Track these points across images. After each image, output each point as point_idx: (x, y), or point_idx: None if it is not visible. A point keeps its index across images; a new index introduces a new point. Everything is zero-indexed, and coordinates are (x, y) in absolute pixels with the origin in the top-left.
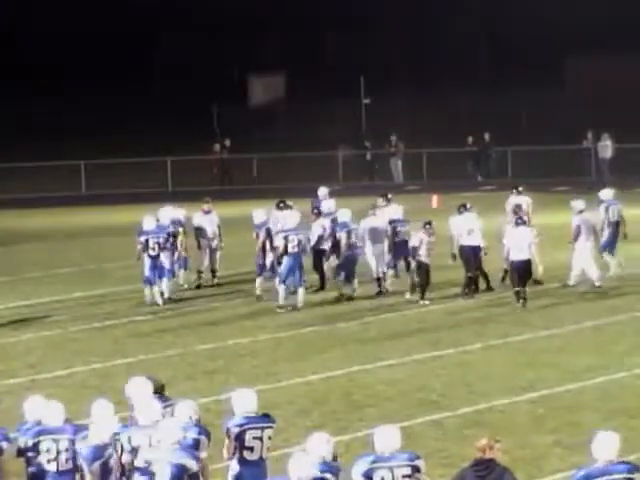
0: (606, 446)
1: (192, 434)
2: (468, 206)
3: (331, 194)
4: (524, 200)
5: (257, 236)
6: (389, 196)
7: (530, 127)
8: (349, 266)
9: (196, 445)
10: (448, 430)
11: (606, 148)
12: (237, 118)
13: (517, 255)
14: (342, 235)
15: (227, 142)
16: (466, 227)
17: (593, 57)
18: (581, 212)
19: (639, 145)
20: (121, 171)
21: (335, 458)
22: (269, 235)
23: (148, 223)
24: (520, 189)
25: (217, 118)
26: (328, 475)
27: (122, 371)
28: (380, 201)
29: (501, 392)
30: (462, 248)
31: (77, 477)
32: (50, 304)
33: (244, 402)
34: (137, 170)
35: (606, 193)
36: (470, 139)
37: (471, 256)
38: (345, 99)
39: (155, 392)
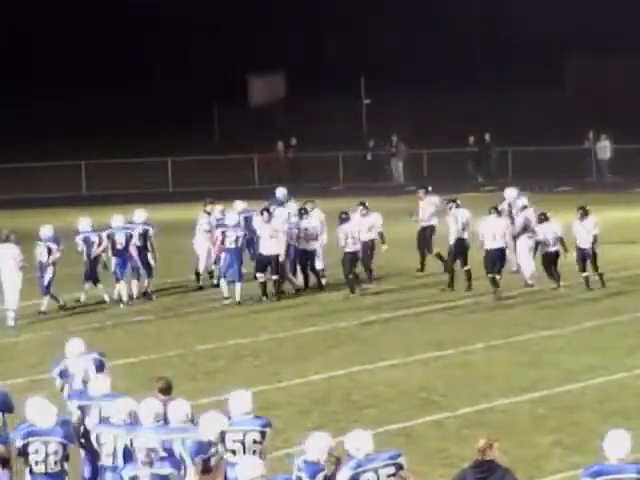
0: (618, 444)
1: (192, 434)
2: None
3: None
4: (435, 199)
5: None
6: (366, 204)
7: (530, 127)
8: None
9: None
10: (449, 430)
11: (604, 149)
12: (237, 118)
13: (491, 244)
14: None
15: (293, 141)
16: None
17: (593, 57)
18: (525, 208)
19: (639, 145)
20: (121, 171)
21: (335, 457)
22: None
23: (44, 231)
24: (429, 189)
25: (217, 118)
26: (303, 474)
27: (123, 371)
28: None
29: (502, 392)
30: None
31: (65, 479)
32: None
33: (238, 404)
34: (137, 170)
35: (510, 192)
36: (471, 139)
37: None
38: (345, 99)
39: (163, 392)
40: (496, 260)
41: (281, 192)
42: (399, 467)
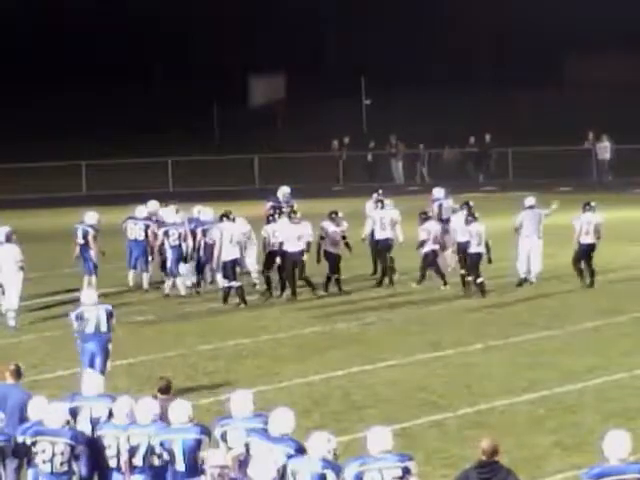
0: (618, 445)
1: (194, 434)
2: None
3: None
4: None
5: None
6: (297, 213)
7: (530, 127)
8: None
9: (198, 445)
10: (448, 431)
11: (605, 149)
12: (237, 118)
13: (462, 239)
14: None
15: (346, 139)
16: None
17: (593, 57)
18: (531, 207)
19: (639, 146)
20: (121, 171)
21: (336, 457)
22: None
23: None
24: (380, 192)
25: (217, 118)
26: (329, 472)
27: (123, 371)
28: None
29: (501, 393)
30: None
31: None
32: (51, 304)
33: (239, 405)
34: (137, 170)
35: (438, 191)
36: (471, 139)
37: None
38: (345, 99)
39: (162, 392)
40: (466, 256)
41: (283, 192)
42: (406, 470)
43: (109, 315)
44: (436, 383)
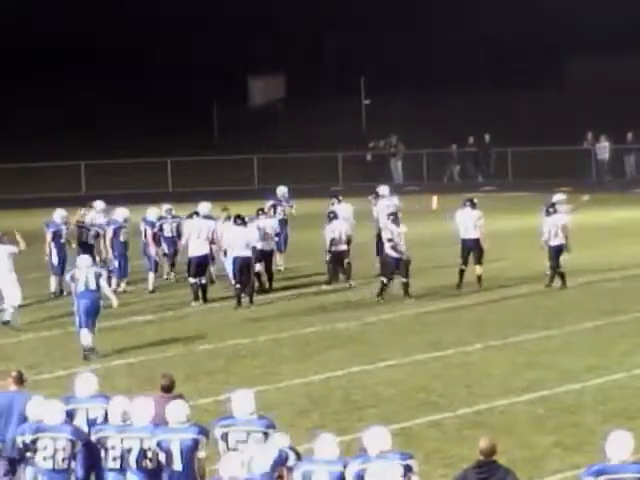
0: (620, 445)
1: (191, 434)
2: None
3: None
4: (389, 202)
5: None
6: (243, 218)
7: (530, 127)
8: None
9: (195, 445)
10: (448, 431)
11: (604, 149)
12: (237, 118)
13: (464, 234)
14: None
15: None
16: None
17: (593, 57)
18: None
19: (639, 146)
20: (121, 171)
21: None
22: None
23: None
24: (379, 192)
25: (217, 118)
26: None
27: (122, 371)
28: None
29: (501, 393)
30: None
31: (72, 478)
32: (50, 304)
33: (242, 404)
34: (137, 170)
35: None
36: (471, 139)
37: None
38: (345, 99)
39: (164, 390)
40: (470, 250)
41: (281, 191)
42: (408, 469)
43: (97, 276)
44: (436, 383)
